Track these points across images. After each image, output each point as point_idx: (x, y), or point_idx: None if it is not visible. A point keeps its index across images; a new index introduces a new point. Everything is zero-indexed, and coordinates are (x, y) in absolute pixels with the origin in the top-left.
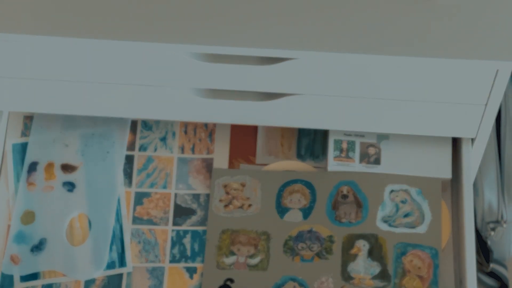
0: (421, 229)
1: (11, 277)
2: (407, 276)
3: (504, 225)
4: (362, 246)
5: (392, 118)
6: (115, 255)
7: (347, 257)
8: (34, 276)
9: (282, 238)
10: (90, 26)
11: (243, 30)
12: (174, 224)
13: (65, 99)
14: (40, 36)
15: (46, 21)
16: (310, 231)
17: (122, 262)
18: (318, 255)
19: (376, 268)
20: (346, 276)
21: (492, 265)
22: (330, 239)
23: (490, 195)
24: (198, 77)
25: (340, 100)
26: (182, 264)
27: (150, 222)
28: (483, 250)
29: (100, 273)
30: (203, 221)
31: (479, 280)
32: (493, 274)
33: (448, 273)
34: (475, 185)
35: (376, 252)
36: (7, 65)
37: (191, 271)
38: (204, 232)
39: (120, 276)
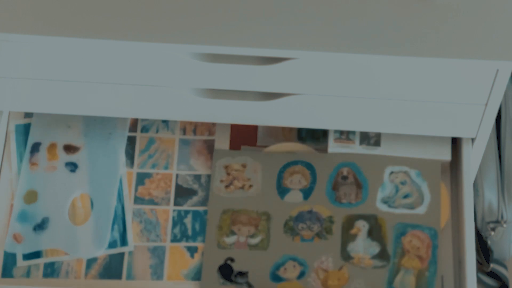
0: (421, 210)
1: (14, 255)
2: (406, 256)
3: (504, 225)
4: (362, 227)
5: (392, 118)
6: (116, 235)
7: (347, 237)
8: (36, 255)
9: (282, 218)
10: (90, 26)
11: (243, 30)
12: (175, 204)
13: (65, 99)
14: (40, 36)
15: (46, 21)
16: (310, 212)
17: (123, 241)
18: (318, 235)
19: (375, 248)
20: (346, 256)
21: (492, 265)
22: (330, 219)
23: (490, 195)
24: (198, 77)
25: (340, 100)
26: (183, 244)
27: (151, 202)
28: (483, 250)
29: (102, 252)
30: (204, 202)
31: (479, 280)
32: (493, 274)
33: (447, 253)
34: (475, 185)
35: (375, 232)
36: (7, 65)
37: (192, 250)
38: (205, 212)
39: (121, 255)
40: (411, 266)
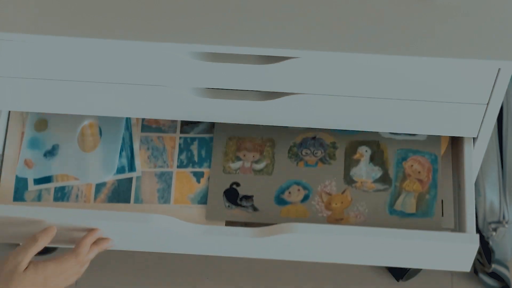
0: (421, 136)
1: (25, 180)
2: (407, 179)
3: (506, 226)
4: (364, 152)
5: (393, 117)
6: (124, 161)
7: (350, 162)
8: (47, 180)
9: (286, 144)
10: (90, 26)
11: (244, 29)
12: (182, 132)
13: (65, 98)
14: (40, 36)
15: (46, 20)
16: (314, 138)
17: (131, 167)
18: (322, 160)
19: (377, 173)
20: (349, 180)
21: (493, 266)
22: (334, 145)
23: (492, 195)
24: (198, 76)
25: (341, 99)
26: (190, 169)
27: (158, 130)
28: (485, 250)
29: (110, 177)
30: (210, 130)
31: (481, 281)
32: (494, 275)
33: (447, 179)
34: (476, 185)
35: (377, 157)
36: (7, 65)
37: (198, 176)
38: (211, 139)
39: (129, 180)
40: (412, 189)
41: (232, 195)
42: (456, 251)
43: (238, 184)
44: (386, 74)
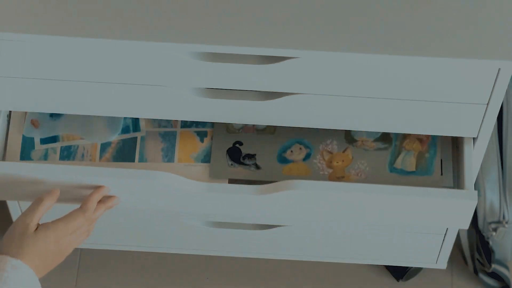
0: None
1: (32, 139)
2: (407, 138)
3: (506, 226)
4: None
5: (393, 117)
6: (129, 121)
7: None
8: (53, 139)
9: None
10: (90, 26)
11: (244, 29)
12: None
13: (65, 98)
14: (40, 36)
15: (46, 20)
16: None
17: (136, 127)
18: None
19: (378, 132)
20: (350, 139)
21: (493, 266)
22: None
23: (492, 195)
24: (198, 77)
25: (341, 99)
26: (193, 129)
27: None
28: (485, 250)
29: (115, 137)
30: None
31: (480, 281)
32: (494, 275)
33: (446, 141)
34: (476, 185)
35: None
36: (7, 65)
37: (202, 135)
38: None
39: (134, 139)
40: (411, 148)
41: (235, 154)
42: (455, 208)
43: (241, 143)
44: (386, 74)
